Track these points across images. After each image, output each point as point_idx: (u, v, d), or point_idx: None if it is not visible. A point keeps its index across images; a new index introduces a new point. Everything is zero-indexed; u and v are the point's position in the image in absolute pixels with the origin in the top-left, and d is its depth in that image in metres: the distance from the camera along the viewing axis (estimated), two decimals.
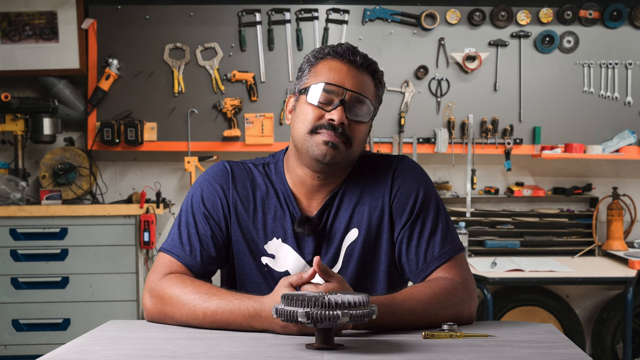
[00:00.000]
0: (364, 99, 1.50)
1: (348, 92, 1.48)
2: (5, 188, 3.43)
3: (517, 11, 3.73)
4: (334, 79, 1.49)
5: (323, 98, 1.48)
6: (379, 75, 1.56)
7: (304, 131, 1.49)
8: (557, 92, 3.77)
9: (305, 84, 1.52)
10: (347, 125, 1.47)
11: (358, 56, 1.51)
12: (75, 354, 1.20)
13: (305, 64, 1.55)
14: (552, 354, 1.19)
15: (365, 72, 1.52)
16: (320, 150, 1.47)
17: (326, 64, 1.51)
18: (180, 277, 1.46)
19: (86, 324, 3.32)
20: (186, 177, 3.87)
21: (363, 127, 1.51)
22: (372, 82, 1.53)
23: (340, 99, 1.47)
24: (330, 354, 1.17)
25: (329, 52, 1.52)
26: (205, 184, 1.57)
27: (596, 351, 3.84)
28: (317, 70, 1.52)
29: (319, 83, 1.49)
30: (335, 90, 1.48)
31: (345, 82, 1.48)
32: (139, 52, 3.71)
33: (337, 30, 3.73)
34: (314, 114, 1.48)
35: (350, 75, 1.49)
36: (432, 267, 1.49)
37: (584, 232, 3.84)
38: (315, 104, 1.48)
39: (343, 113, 1.46)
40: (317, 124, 1.48)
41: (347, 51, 1.51)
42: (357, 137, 1.50)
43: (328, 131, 1.47)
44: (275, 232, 1.55)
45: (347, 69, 1.50)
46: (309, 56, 1.55)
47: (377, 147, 3.72)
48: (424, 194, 1.54)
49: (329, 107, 1.48)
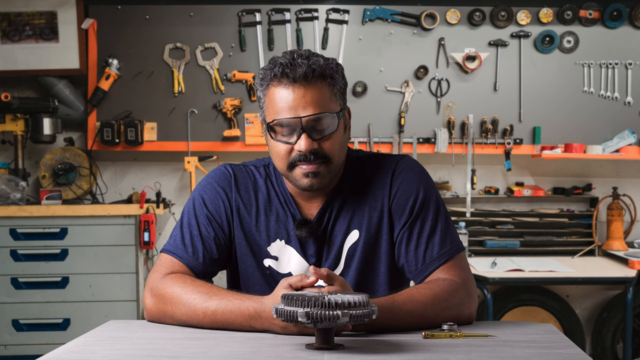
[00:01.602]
0: (322, 115, 1.43)
1: (303, 118, 1.43)
2: (5, 188, 3.43)
3: (517, 11, 3.73)
4: (285, 111, 1.43)
5: (284, 133, 1.45)
6: (330, 72, 1.45)
7: (283, 168, 1.49)
8: (557, 92, 3.77)
9: (265, 116, 1.49)
10: (317, 147, 1.45)
11: (299, 68, 1.41)
12: (75, 354, 1.20)
13: (259, 91, 1.50)
14: (552, 354, 1.19)
15: (313, 82, 1.43)
16: (303, 182, 1.47)
17: (273, 92, 1.45)
18: (181, 277, 1.46)
19: (86, 324, 3.32)
20: (186, 177, 3.87)
21: (335, 136, 1.47)
22: (325, 85, 1.45)
23: (299, 129, 1.43)
24: (330, 354, 1.17)
25: (271, 76, 1.45)
26: (207, 187, 1.58)
27: (596, 351, 3.84)
28: (269, 100, 1.46)
29: (274, 120, 1.45)
30: (291, 122, 1.44)
31: (297, 108, 1.42)
32: (139, 52, 3.71)
33: (337, 30, 3.73)
34: (283, 150, 1.46)
35: (299, 97, 1.42)
36: (432, 267, 1.49)
37: (584, 232, 3.84)
38: (281, 140, 1.46)
39: (308, 139, 1.43)
40: (290, 159, 1.46)
41: (286, 68, 1.42)
42: (333, 151, 1.47)
43: (303, 162, 1.45)
44: (278, 233, 1.55)
45: (292, 92, 1.42)
46: (257, 81, 1.49)
47: (377, 147, 3.72)
48: (424, 194, 1.53)
49: (293, 138, 1.45)
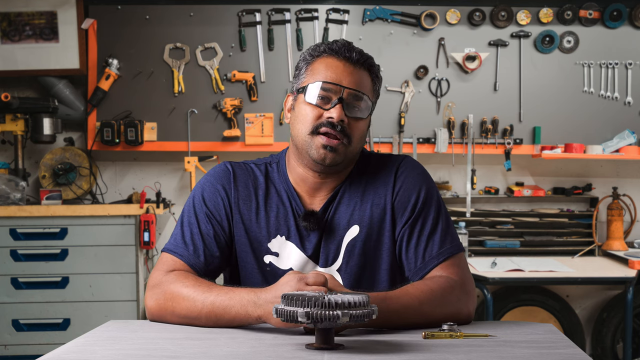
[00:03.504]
0: (362, 95, 1.50)
1: (346, 89, 1.48)
2: (5, 188, 3.43)
3: (517, 11, 3.73)
4: (331, 77, 1.49)
5: (321, 97, 1.48)
6: (376, 70, 1.55)
7: (305, 132, 1.50)
8: (557, 92, 3.76)
9: (302, 83, 1.53)
10: (346, 122, 1.48)
11: (354, 52, 1.50)
12: (75, 354, 1.20)
13: (302, 62, 1.55)
14: (552, 354, 1.19)
15: (361, 68, 1.51)
16: (319, 154, 1.48)
17: (322, 61, 1.51)
18: (182, 274, 1.46)
19: (86, 324, 3.32)
20: (186, 177, 3.87)
21: (362, 123, 1.52)
22: (369, 78, 1.53)
23: (339, 97, 1.47)
24: (330, 354, 1.17)
25: (325, 49, 1.52)
26: (207, 184, 1.58)
27: (596, 351, 3.84)
28: (313, 69, 1.52)
29: (317, 82, 1.49)
30: (333, 88, 1.48)
31: (342, 80, 1.48)
32: (139, 52, 3.71)
33: (337, 30, 3.73)
34: (313, 114, 1.49)
35: (347, 73, 1.49)
36: (430, 265, 1.49)
37: (584, 232, 3.84)
38: (314, 103, 1.49)
39: (342, 111, 1.47)
40: (316, 123, 1.49)
41: (342, 48, 1.50)
42: (356, 134, 1.50)
43: (328, 131, 1.47)
44: (278, 229, 1.55)
45: (343, 66, 1.50)
46: (305, 54, 1.55)
47: (377, 147, 3.72)
48: (426, 194, 1.55)
49: (327, 106, 1.48)
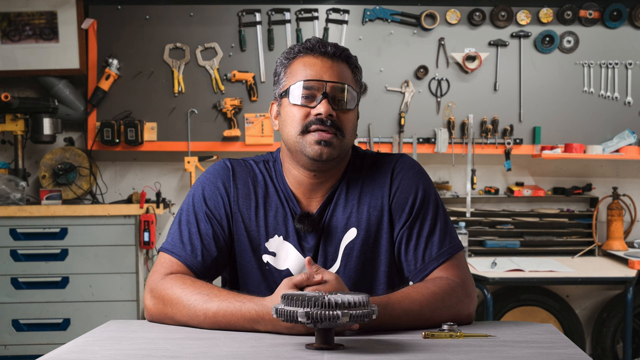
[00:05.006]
0: (345, 86, 1.49)
1: (328, 83, 1.47)
2: (5, 188, 3.43)
3: (517, 11, 3.73)
4: (311, 75, 1.48)
5: (305, 96, 1.48)
6: (354, 61, 1.55)
7: (295, 133, 1.49)
8: (557, 92, 3.76)
9: (284, 87, 1.52)
10: (335, 116, 1.47)
11: (329, 46, 1.50)
12: (75, 354, 1.20)
13: (280, 67, 1.55)
14: (552, 354, 1.19)
15: (339, 61, 1.51)
16: (314, 150, 1.47)
17: (300, 61, 1.51)
18: (181, 278, 1.45)
19: (86, 324, 3.32)
20: (186, 177, 3.87)
21: (351, 114, 1.51)
22: (348, 69, 1.53)
23: (322, 92, 1.47)
24: (330, 354, 1.17)
25: (300, 49, 1.52)
26: (207, 182, 1.57)
27: (596, 351, 3.84)
28: (292, 70, 1.51)
29: (298, 82, 1.48)
30: (315, 85, 1.48)
31: (323, 75, 1.48)
32: (139, 52, 3.71)
33: (337, 30, 3.73)
34: (300, 114, 1.48)
35: (326, 67, 1.49)
36: (431, 267, 1.49)
37: (584, 232, 3.83)
38: (299, 104, 1.48)
39: (328, 105, 1.46)
40: (305, 122, 1.48)
41: (317, 44, 1.51)
42: (347, 126, 1.50)
43: (318, 127, 1.46)
44: (276, 229, 1.55)
45: (321, 61, 1.50)
46: (280, 59, 1.55)
47: (377, 147, 3.72)
48: (423, 194, 1.54)
49: (313, 103, 1.48)
